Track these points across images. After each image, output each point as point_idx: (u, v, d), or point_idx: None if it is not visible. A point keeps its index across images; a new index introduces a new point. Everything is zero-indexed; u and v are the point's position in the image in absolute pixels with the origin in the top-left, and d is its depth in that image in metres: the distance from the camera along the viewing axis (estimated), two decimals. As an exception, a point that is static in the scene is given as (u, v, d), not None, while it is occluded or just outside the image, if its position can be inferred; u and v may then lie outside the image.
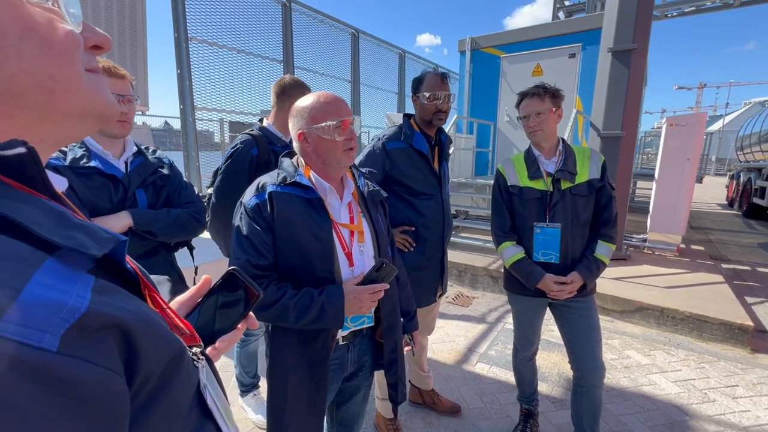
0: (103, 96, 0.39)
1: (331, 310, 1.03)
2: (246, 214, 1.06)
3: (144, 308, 0.36)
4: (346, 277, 1.11)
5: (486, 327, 3.30)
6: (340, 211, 1.14)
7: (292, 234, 1.05)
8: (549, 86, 1.67)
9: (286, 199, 1.06)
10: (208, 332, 0.56)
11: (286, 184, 1.07)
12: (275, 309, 1.01)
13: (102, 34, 0.40)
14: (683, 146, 4.67)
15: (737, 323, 3.01)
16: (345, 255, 1.12)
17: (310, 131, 1.06)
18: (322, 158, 1.09)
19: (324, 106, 1.06)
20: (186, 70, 4.45)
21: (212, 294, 0.58)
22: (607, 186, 1.68)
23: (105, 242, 0.35)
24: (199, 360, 0.46)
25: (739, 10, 8.32)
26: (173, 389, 0.36)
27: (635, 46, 4.08)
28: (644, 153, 16.36)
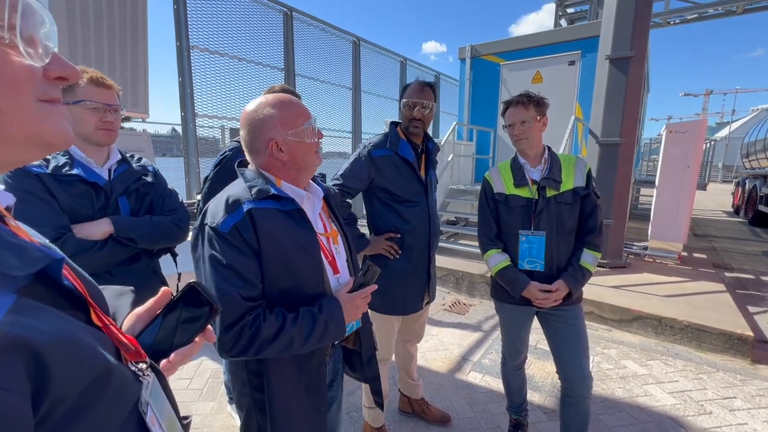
0: (53, 125, 0.40)
1: (334, 323, 0.97)
2: (221, 239, 0.90)
3: (68, 327, 0.37)
4: (334, 287, 1.06)
5: (481, 335, 3.27)
6: (315, 220, 1.07)
7: (281, 254, 0.94)
8: (533, 95, 1.67)
9: (268, 215, 0.94)
10: (166, 347, 0.56)
11: (263, 198, 0.94)
12: (281, 341, 0.91)
13: (69, 66, 0.42)
14: (683, 153, 4.64)
15: (737, 333, 2.95)
16: (329, 264, 1.06)
17: (285, 138, 0.96)
18: (298, 165, 1.00)
19: (293, 109, 0.98)
20: (187, 78, 4.51)
21: (174, 308, 0.57)
22: (592, 194, 1.67)
23: (34, 261, 0.36)
24: (144, 376, 0.46)
25: (745, 17, 8.30)
26: (96, 410, 0.36)
27: (633, 53, 4.08)
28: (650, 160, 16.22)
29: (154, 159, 3.44)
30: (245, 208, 0.92)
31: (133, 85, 3.28)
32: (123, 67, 3.21)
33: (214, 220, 0.91)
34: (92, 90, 1.24)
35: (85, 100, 1.23)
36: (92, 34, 2.95)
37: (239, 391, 1.06)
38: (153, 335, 0.56)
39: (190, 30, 4.47)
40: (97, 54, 2.98)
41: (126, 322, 0.58)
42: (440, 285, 4.31)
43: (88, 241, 1.23)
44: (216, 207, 0.94)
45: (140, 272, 1.36)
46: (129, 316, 0.59)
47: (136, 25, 3.27)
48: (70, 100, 1.22)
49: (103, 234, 1.24)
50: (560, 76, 6.13)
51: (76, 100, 1.22)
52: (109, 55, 3.09)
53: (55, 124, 0.40)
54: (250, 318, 0.89)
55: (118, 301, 0.64)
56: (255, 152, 0.99)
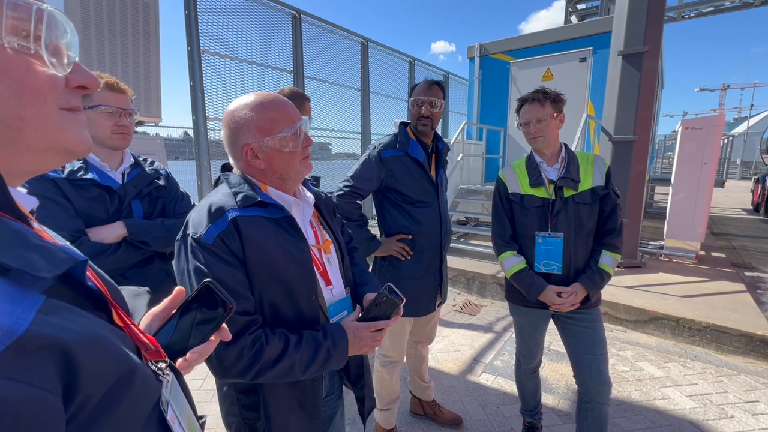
0: (74, 134, 0.41)
1: (336, 354, 0.91)
2: (204, 250, 0.83)
3: (94, 327, 0.37)
4: (328, 298, 1.00)
5: (493, 336, 3.24)
6: (306, 229, 1.00)
7: (270, 265, 0.88)
8: (549, 91, 1.61)
9: (254, 223, 0.87)
10: (181, 348, 0.57)
11: (248, 205, 0.88)
12: (282, 366, 0.85)
13: (90, 75, 0.43)
14: (700, 150, 4.53)
15: (759, 335, 2.86)
16: (320, 275, 0.99)
17: (260, 145, 0.88)
18: (278, 173, 0.92)
19: (273, 112, 0.88)
20: (198, 82, 4.57)
21: (190, 310, 0.58)
22: (612, 193, 1.62)
23: (60, 263, 0.37)
24: (164, 375, 0.47)
25: (764, 8, 8.06)
26: (121, 407, 0.37)
27: (646, 48, 4.00)
28: (665, 157, 15.89)
29: (166, 162, 3.49)
30: (230, 216, 0.85)
31: (145, 89, 3.33)
32: (136, 72, 3.27)
33: (197, 230, 0.85)
34: (107, 95, 1.26)
35: (101, 104, 1.25)
36: (106, 40, 3.01)
37: (227, 410, 1.01)
38: (168, 336, 0.57)
39: (200, 34, 4.53)
40: (110, 59, 3.04)
41: (142, 322, 0.59)
42: (451, 285, 4.28)
43: (102, 245, 1.25)
44: (199, 216, 0.87)
45: (153, 275, 1.38)
46: (145, 316, 0.60)
47: (148, 30, 3.32)
48: (86, 105, 1.24)
49: (117, 237, 1.26)
50: (571, 74, 6.04)
51: (91, 104, 1.24)
52: (122, 60, 3.14)
53: (77, 133, 0.41)
54: (249, 338, 0.84)
55: (135, 301, 0.65)
56: (234, 157, 0.93)
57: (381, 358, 1.95)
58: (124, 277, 1.33)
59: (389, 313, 0.94)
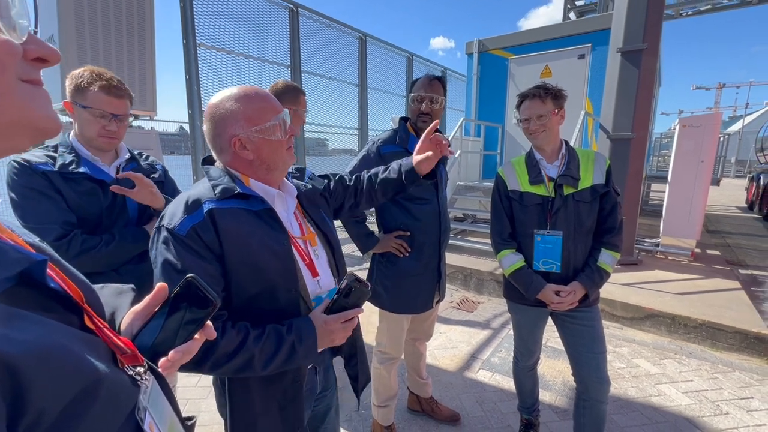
0: (40, 109, 0.37)
1: (303, 349, 0.87)
2: (176, 242, 0.82)
3: (52, 335, 0.34)
4: (313, 290, 0.97)
5: (490, 333, 3.24)
6: (290, 222, 0.99)
7: (248, 257, 0.87)
8: (550, 86, 1.59)
9: (232, 215, 0.87)
10: (166, 348, 0.54)
11: (227, 197, 0.88)
12: (239, 359, 0.82)
13: (48, 47, 0.39)
14: (697, 148, 4.54)
15: (754, 332, 2.88)
16: (306, 266, 0.98)
17: (249, 135, 0.88)
18: (266, 163, 0.93)
19: (259, 103, 0.89)
20: (194, 76, 4.52)
21: (179, 308, 0.56)
22: (612, 192, 1.60)
23: (11, 264, 0.34)
24: (142, 380, 0.45)
25: (763, 7, 8.07)
26: (86, 421, 0.34)
27: (645, 46, 3.99)
28: (660, 155, 15.98)
29: (161, 157, 3.44)
30: (206, 208, 0.85)
31: (140, 83, 3.28)
32: (130, 65, 3.22)
33: (171, 221, 0.84)
34: (102, 98, 1.23)
35: (93, 107, 1.23)
36: (100, 32, 2.96)
37: (218, 401, 1.01)
38: (153, 336, 0.54)
39: (196, 28, 4.47)
40: (104, 52, 2.99)
41: (124, 321, 0.57)
42: (448, 282, 4.28)
43: (94, 239, 1.23)
44: (175, 208, 0.86)
45: (148, 271, 1.35)
46: (127, 315, 0.57)
47: (143, 23, 3.27)
48: (80, 103, 1.22)
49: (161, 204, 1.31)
50: (570, 70, 6.03)
51: (84, 104, 1.22)
52: (117, 53, 3.09)
53: (43, 109, 0.38)
54: None
55: (118, 299, 0.62)
56: (219, 149, 0.93)
57: (379, 354, 1.94)
58: (118, 273, 1.31)
59: (359, 301, 0.92)
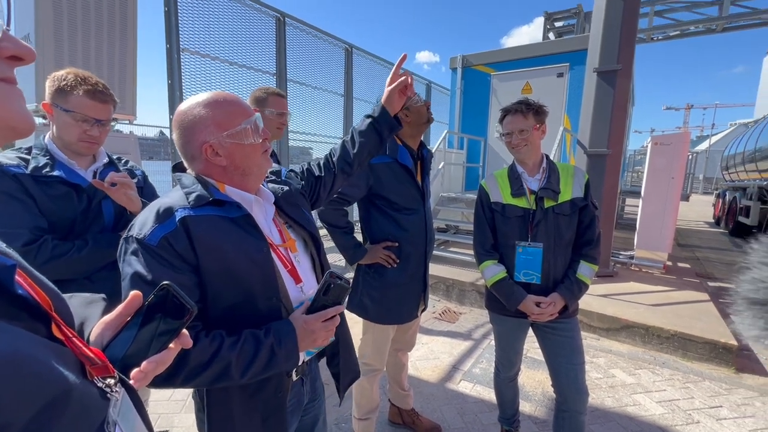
0: (11, 107, 0.37)
1: (283, 351, 0.84)
2: (147, 252, 0.78)
3: (17, 344, 0.33)
4: (296, 297, 0.95)
5: (471, 344, 3.26)
6: (270, 228, 0.97)
7: (225, 265, 0.84)
8: (532, 102, 1.64)
9: (207, 223, 0.83)
10: (139, 360, 0.52)
11: (201, 204, 0.84)
12: (214, 367, 0.78)
13: (23, 45, 0.38)
14: (668, 165, 4.75)
15: (722, 342, 3.00)
16: (289, 273, 0.95)
17: (221, 141, 0.86)
18: (241, 169, 0.90)
19: (230, 107, 0.87)
20: (177, 81, 4.45)
21: (153, 318, 0.53)
22: (590, 205, 1.65)
23: None
24: (112, 393, 0.43)
25: (725, 35, 8.62)
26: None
27: (620, 67, 4.18)
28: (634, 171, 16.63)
29: (140, 162, 3.36)
30: (178, 216, 0.81)
31: (120, 85, 3.20)
32: (110, 67, 3.14)
33: (141, 231, 0.80)
34: (85, 102, 1.20)
35: (75, 111, 1.19)
36: (79, 33, 2.89)
37: (197, 416, 0.96)
38: (125, 347, 0.52)
39: (180, 32, 4.42)
40: (83, 53, 2.91)
41: (94, 331, 0.54)
42: (431, 293, 4.29)
43: (65, 245, 1.18)
44: (145, 217, 0.82)
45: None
46: (97, 325, 0.55)
47: (125, 24, 3.21)
48: (62, 106, 1.18)
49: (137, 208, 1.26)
50: (549, 88, 6.25)
51: (66, 108, 1.18)
52: (96, 55, 3.02)
53: (17, 107, 0.37)
54: None
55: (88, 309, 0.60)
56: (190, 157, 0.89)
57: (362, 366, 1.90)
58: (90, 281, 1.25)
59: (339, 299, 0.90)
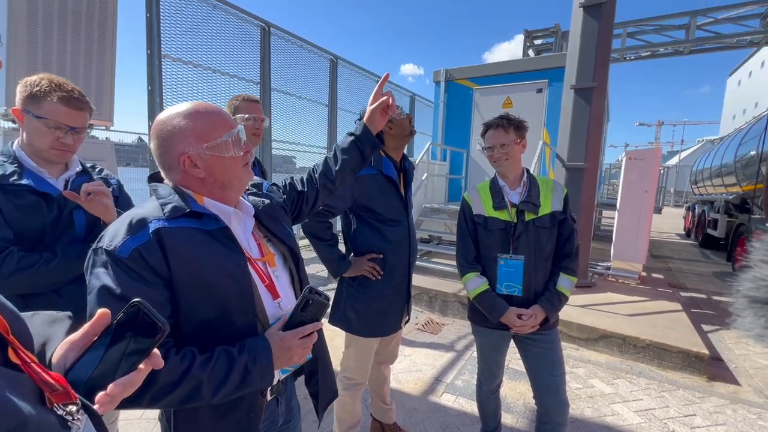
0: None
1: (258, 369, 0.81)
2: (117, 265, 0.75)
3: None
4: (273, 313, 0.92)
5: (454, 355, 3.25)
6: (248, 242, 0.94)
7: (200, 279, 0.81)
8: (513, 118, 1.68)
9: (182, 235, 0.81)
10: (106, 382, 0.49)
11: (177, 216, 0.82)
12: (184, 387, 0.74)
13: None
14: (641, 179, 4.94)
15: (694, 351, 3.09)
16: (266, 288, 0.93)
17: (200, 152, 0.84)
18: (220, 182, 0.88)
19: (209, 118, 0.86)
20: (157, 87, 4.37)
21: (122, 337, 0.50)
22: (569, 219, 1.69)
23: None
24: (74, 420, 0.41)
25: (692, 57, 9.12)
26: None
27: (595, 84, 4.35)
28: (610, 183, 17.22)
29: (116, 169, 3.26)
30: (152, 227, 0.78)
31: (97, 91, 3.12)
32: (88, 72, 3.06)
33: (112, 242, 0.76)
34: (59, 109, 1.15)
35: (48, 118, 1.14)
36: (55, 35, 2.80)
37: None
38: (91, 369, 0.49)
39: (163, 39, 4.36)
40: (59, 56, 2.83)
41: (57, 352, 0.51)
42: (413, 304, 4.28)
43: (32, 257, 1.12)
44: (117, 227, 0.79)
45: None
46: (61, 344, 0.51)
47: (104, 29, 3.14)
48: (34, 112, 1.13)
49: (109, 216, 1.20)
50: (529, 103, 6.43)
51: (38, 114, 1.13)
52: (73, 59, 2.94)
53: None
54: None
55: (51, 329, 0.56)
56: (167, 168, 0.87)
57: (344, 381, 1.88)
58: (58, 294, 1.20)
59: (317, 315, 0.87)
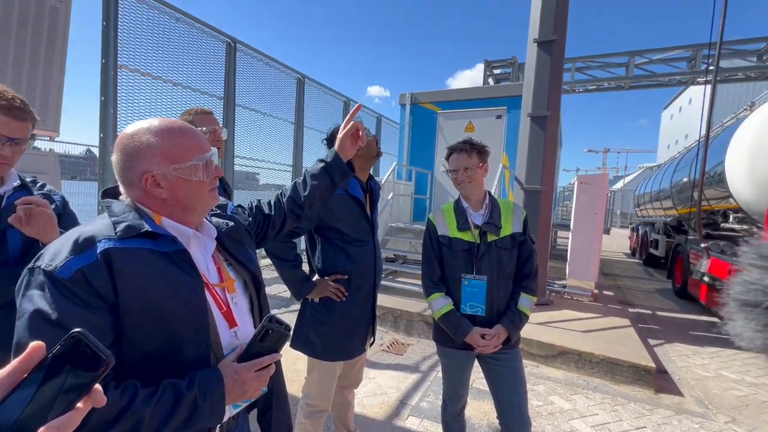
0: None
1: (207, 405, 0.74)
2: (55, 286, 0.67)
3: None
4: (229, 342, 0.86)
5: (419, 376, 3.23)
6: (207, 265, 0.89)
7: (150, 305, 0.75)
8: (476, 142, 1.75)
9: (134, 256, 0.75)
10: (36, 424, 0.43)
11: (131, 236, 0.76)
12: (122, 425, 0.67)
13: None
14: (592, 202, 5.29)
15: (642, 365, 3.27)
16: (223, 315, 0.87)
17: (165, 173, 0.80)
18: (183, 204, 0.84)
19: (182, 139, 0.82)
20: (111, 98, 4.15)
21: (59, 372, 0.45)
22: (528, 240, 1.76)
23: None
24: None
25: (632, 92, 10.08)
26: None
27: (549, 113, 4.66)
28: (564, 205, 18.28)
29: (60, 183, 3.02)
30: (100, 247, 0.72)
31: (42, 98, 2.91)
32: (32, 79, 2.86)
33: (52, 262, 0.69)
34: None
35: None
36: (-3, 40, 2.61)
37: None
38: (20, 409, 0.43)
39: (120, 49, 4.19)
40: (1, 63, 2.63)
41: None
42: (378, 324, 4.24)
43: None
44: (59, 246, 0.72)
45: None
46: None
47: (54, 35, 2.97)
48: None
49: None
50: (489, 128, 6.75)
51: None
52: (15, 64, 2.74)
53: None
54: None
55: None
56: (128, 183, 0.82)
57: (306, 408, 1.80)
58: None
59: (277, 345, 0.82)
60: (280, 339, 0.81)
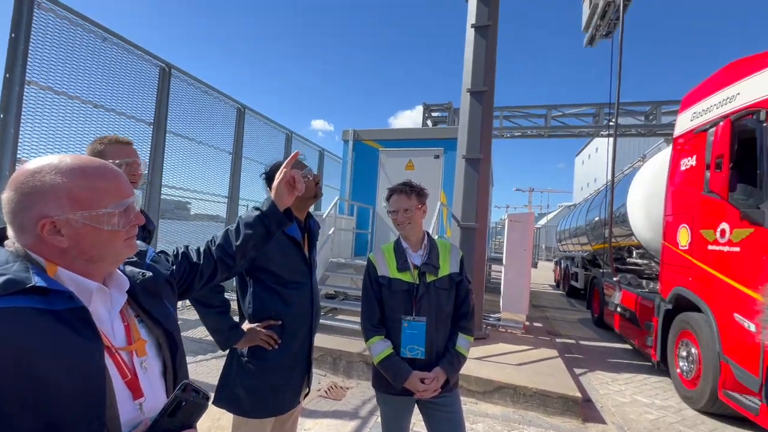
0: None
1: None
2: None
3: None
4: (131, 418, 0.72)
5: (359, 423, 3.06)
6: (112, 324, 0.76)
7: (26, 379, 0.60)
8: (415, 185, 1.79)
9: (12, 317, 0.60)
10: None
11: (12, 292, 0.62)
12: None
13: None
14: (521, 238, 5.69)
15: (570, 395, 3.44)
16: (126, 384, 0.73)
17: (68, 219, 0.68)
18: (87, 255, 0.72)
19: (98, 182, 0.72)
20: (13, 116, 3.67)
21: None
22: (465, 279, 1.80)
23: None
24: None
25: (550, 140, 11.37)
26: None
27: (481, 156, 5.03)
28: (496, 240, 19.51)
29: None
30: None
31: None
32: None
33: None
34: None
35: None
36: None
37: None
38: None
39: (30, 63, 3.77)
40: None
41: None
42: (316, 367, 4.00)
43: None
44: None
45: None
46: None
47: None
48: None
49: None
50: (428, 167, 7.09)
51: None
52: None
53: None
54: None
55: None
56: (18, 227, 0.69)
57: (227, 476, 1.58)
58: None
59: (191, 419, 0.71)
60: (196, 411, 0.70)
